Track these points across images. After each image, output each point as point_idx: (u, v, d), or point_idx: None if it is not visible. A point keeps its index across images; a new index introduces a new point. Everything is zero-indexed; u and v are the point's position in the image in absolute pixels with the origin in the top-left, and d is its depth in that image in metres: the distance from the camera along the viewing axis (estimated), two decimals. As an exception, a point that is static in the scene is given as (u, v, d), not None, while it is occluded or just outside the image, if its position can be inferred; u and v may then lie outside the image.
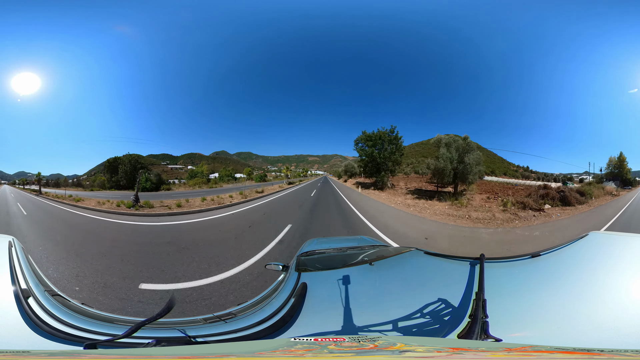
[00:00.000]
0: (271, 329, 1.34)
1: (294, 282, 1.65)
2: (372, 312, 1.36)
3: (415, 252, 2.00)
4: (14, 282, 1.46)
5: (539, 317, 1.18)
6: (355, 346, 1.01)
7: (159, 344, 1.26)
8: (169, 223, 10.85)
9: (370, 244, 2.57)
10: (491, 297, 1.24)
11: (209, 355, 1.07)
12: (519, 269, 1.62)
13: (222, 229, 9.88)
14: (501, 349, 0.97)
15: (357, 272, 1.75)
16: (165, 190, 18.89)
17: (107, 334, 1.31)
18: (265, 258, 6.10)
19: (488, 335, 1.08)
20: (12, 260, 1.67)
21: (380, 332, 1.25)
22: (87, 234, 9.93)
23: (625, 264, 1.46)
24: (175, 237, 8.83)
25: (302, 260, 1.98)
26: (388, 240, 7.38)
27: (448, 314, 1.30)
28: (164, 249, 7.05)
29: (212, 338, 1.38)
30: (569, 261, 1.62)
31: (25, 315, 1.27)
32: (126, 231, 10.06)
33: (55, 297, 1.56)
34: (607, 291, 1.24)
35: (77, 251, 7.07)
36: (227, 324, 1.54)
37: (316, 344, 1.06)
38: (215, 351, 1.17)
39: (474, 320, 1.14)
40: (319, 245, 2.54)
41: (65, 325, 1.32)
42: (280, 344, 1.13)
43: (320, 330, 1.29)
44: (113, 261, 6.21)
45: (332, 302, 1.45)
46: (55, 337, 1.23)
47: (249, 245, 7.05)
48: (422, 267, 1.89)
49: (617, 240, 1.87)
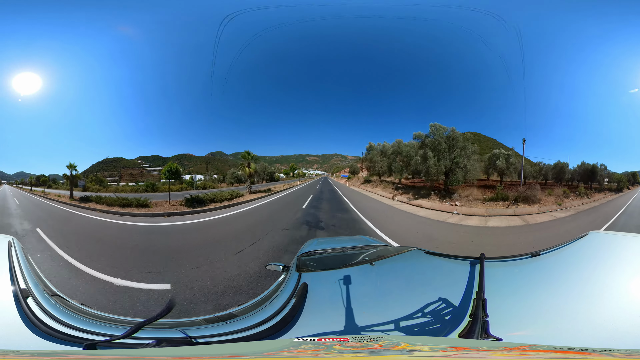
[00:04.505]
0: (273, 329, 1.33)
1: (295, 282, 1.65)
2: (373, 312, 1.36)
3: (415, 252, 2.00)
4: (13, 282, 1.45)
5: (538, 317, 1.18)
6: (360, 346, 1.01)
7: (159, 344, 1.25)
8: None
9: (370, 244, 2.57)
10: (491, 296, 1.25)
11: (210, 355, 1.06)
12: (519, 269, 1.63)
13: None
14: (501, 348, 0.97)
15: (358, 272, 1.75)
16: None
17: (107, 334, 1.31)
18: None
19: (488, 335, 1.08)
20: (11, 260, 1.67)
21: (383, 331, 1.25)
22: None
23: (625, 263, 1.47)
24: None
25: (302, 260, 1.98)
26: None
27: (449, 314, 1.30)
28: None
29: (213, 339, 1.37)
30: (568, 261, 1.63)
31: (24, 315, 1.27)
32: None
33: (55, 297, 1.56)
34: (606, 291, 1.25)
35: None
36: (228, 324, 1.53)
37: (320, 344, 1.06)
38: (217, 352, 1.16)
39: (474, 320, 1.15)
40: (320, 246, 2.54)
41: (64, 325, 1.32)
42: (284, 345, 1.13)
43: (322, 330, 1.29)
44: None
45: (333, 302, 1.45)
46: (53, 338, 1.23)
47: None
48: (422, 266, 1.89)
49: (616, 240, 1.87)
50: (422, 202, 13.57)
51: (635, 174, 17.48)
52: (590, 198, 14.05)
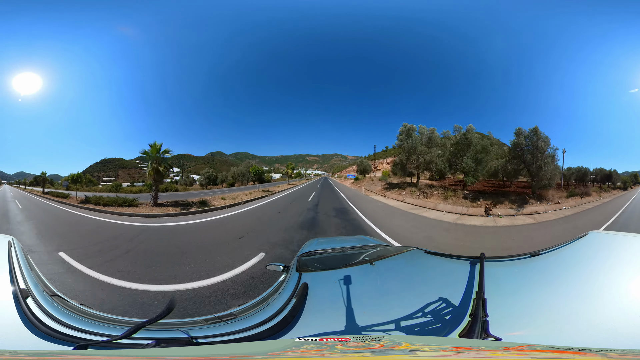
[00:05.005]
0: (273, 329, 1.33)
1: (295, 282, 1.65)
2: (374, 312, 1.36)
3: (415, 252, 2.00)
4: (12, 282, 1.45)
5: (538, 316, 1.18)
6: (362, 346, 1.01)
7: (158, 345, 1.25)
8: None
9: (370, 244, 2.57)
10: (491, 296, 1.25)
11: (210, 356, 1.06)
12: (519, 268, 1.63)
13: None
14: (501, 348, 0.97)
15: (358, 272, 1.75)
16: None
17: (106, 334, 1.30)
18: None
19: (488, 335, 1.08)
20: (11, 260, 1.67)
21: (383, 331, 1.25)
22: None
23: (624, 263, 1.46)
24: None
25: (302, 260, 1.98)
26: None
27: (449, 313, 1.30)
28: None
29: (213, 339, 1.37)
30: (568, 260, 1.63)
31: (23, 315, 1.26)
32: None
33: (54, 297, 1.56)
34: (605, 291, 1.25)
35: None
36: (228, 324, 1.53)
37: (322, 344, 1.06)
38: (218, 352, 1.16)
39: (474, 320, 1.15)
40: (320, 246, 2.53)
41: (63, 325, 1.31)
42: (286, 345, 1.13)
43: (323, 330, 1.29)
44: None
45: (334, 302, 1.45)
46: (53, 338, 1.22)
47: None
48: (422, 266, 1.89)
49: (616, 240, 1.87)
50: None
51: (636, 175, 22.07)
52: (610, 193, 20.51)
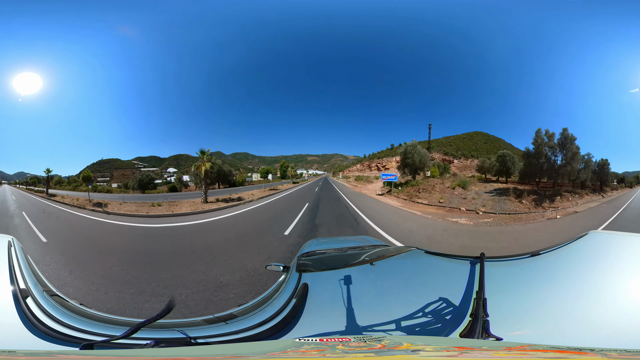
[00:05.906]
0: (273, 330, 1.33)
1: (295, 282, 1.64)
2: (374, 312, 1.36)
3: (416, 252, 2.00)
4: (12, 282, 1.45)
5: (538, 316, 1.18)
6: (363, 346, 1.01)
7: (157, 345, 1.25)
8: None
9: (371, 244, 2.57)
10: (491, 295, 1.25)
11: (210, 356, 1.06)
12: (519, 268, 1.63)
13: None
14: (502, 347, 0.97)
15: (358, 272, 1.75)
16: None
17: (106, 334, 1.30)
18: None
19: (489, 334, 1.08)
20: (11, 260, 1.66)
21: (384, 331, 1.25)
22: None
23: (624, 263, 1.46)
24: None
25: (302, 260, 1.98)
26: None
27: (449, 313, 1.30)
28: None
29: (213, 339, 1.37)
30: (568, 260, 1.63)
31: (23, 315, 1.26)
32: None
33: (54, 297, 1.55)
34: (605, 290, 1.25)
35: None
36: (228, 325, 1.53)
37: (322, 344, 1.05)
38: (218, 352, 1.15)
39: (475, 320, 1.14)
40: (320, 246, 2.53)
41: (63, 325, 1.31)
42: (286, 345, 1.12)
43: (323, 330, 1.29)
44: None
45: (334, 302, 1.45)
46: (52, 338, 1.22)
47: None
48: (423, 266, 1.89)
49: (616, 240, 1.87)
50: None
51: (638, 176, 23.83)
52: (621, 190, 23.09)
